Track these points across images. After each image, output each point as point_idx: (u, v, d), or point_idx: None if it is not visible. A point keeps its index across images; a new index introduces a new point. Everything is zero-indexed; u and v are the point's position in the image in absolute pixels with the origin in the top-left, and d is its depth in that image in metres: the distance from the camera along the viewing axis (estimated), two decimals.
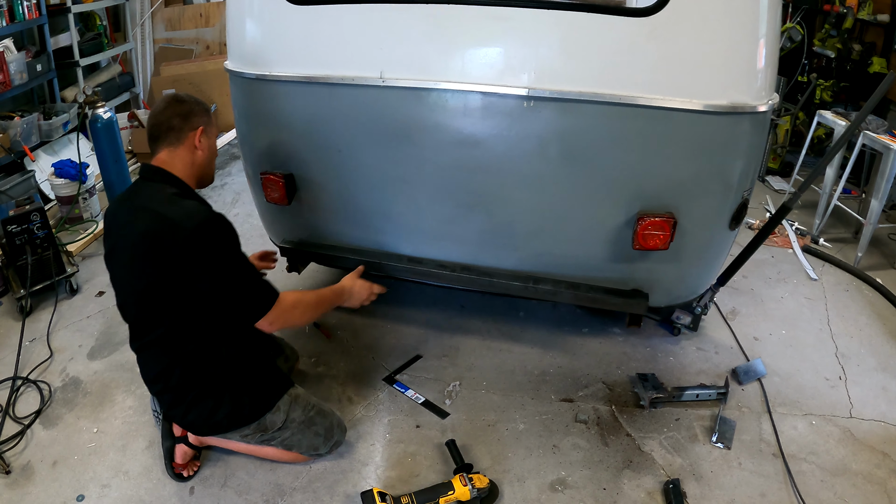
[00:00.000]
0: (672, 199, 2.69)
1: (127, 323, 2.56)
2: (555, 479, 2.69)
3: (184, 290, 2.32)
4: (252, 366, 2.60)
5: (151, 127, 2.49)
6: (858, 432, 2.94)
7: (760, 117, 2.57)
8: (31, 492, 2.62)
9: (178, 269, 2.28)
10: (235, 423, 2.55)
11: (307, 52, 2.82)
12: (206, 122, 2.54)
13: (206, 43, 7.22)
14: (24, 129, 4.77)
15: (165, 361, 2.49)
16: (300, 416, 2.64)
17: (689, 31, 2.41)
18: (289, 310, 2.50)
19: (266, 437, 2.60)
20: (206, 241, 2.29)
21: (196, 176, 2.55)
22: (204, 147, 2.53)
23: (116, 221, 2.47)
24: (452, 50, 2.64)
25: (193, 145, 2.49)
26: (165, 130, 2.46)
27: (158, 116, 2.47)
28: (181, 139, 2.47)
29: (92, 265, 4.29)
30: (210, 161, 2.61)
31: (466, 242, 3.05)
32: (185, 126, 2.47)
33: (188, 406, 2.52)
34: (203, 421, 2.56)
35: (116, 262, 2.48)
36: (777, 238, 4.72)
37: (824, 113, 4.89)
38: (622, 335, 3.58)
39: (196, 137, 2.49)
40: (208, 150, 2.57)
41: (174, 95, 2.55)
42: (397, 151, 2.87)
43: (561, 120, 2.62)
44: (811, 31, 6.01)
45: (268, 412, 2.57)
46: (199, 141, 2.50)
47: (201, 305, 2.38)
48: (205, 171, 2.60)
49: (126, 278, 2.45)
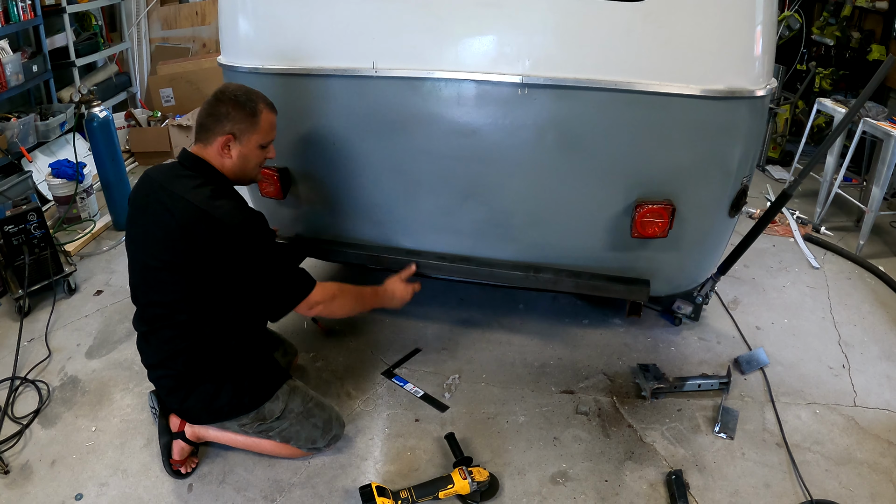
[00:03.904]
0: (670, 186, 2.66)
1: (137, 305, 2.57)
2: (556, 471, 2.67)
3: (221, 283, 2.37)
4: (254, 356, 2.60)
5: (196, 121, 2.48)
6: (863, 421, 2.92)
7: (758, 102, 2.55)
8: (29, 491, 2.61)
9: (219, 263, 2.32)
10: (234, 412, 2.55)
11: (299, 44, 2.80)
12: (242, 129, 2.41)
13: (202, 41, 7.20)
14: (20, 131, 4.75)
15: (175, 346, 2.48)
16: (299, 406, 2.63)
17: (686, 15, 2.39)
18: (329, 296, 2.55)
19: (264, 426, 2.59)
20: (248, 238, 2.32)
21: (229, 176, 2.49)
22: (234, 155, 2.44)
23: (150, 206, 2.41)
24: (445, 38, 2.61)
25: (220, 150, 2.42)
26: (199, 125, 2.43)
27: (201, 111, 2.44)
28: (210, 141, 2.42)
29: (90, 264, 4.28)
30: (242, 168, 2.50)
31: (464, 233, 3.03)
32: (216, 128, 2.40)
33: (188, 392, 2.51)
34: (202, 407, 2.55)
35: (144, 247, 2.44)
36: (778, 227, 4.70)
37: (824, 101, 4.86)
38: (623, 326, 3.56)
39: (222, 144, 2.41)
40: (238, 158, 2.46)
41: (222, 90, 2.44)
42: (392, 142, 2.85)
43: (556, 107, 2.60)
44: (810, 19, 5.99)
45: (267, 401, 2.56)
46: (226, 148, 2.42)
47: (234, 297, 2.43)
48: (237, 176, 2.51)
49: (154, 266, 2.41)
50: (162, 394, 2.67)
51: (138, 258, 2.49)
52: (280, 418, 2.59)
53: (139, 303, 2.57)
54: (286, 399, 2.61)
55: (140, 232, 2.46)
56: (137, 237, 2.48)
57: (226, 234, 2.27)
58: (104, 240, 4.63)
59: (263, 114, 2.45)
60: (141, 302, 2.56)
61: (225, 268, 2.33)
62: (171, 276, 2.38)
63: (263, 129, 2.47)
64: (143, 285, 2.51)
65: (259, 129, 2.45)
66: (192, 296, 2.40)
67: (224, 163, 2.45)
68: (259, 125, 2.45)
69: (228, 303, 2.44)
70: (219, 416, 2.59)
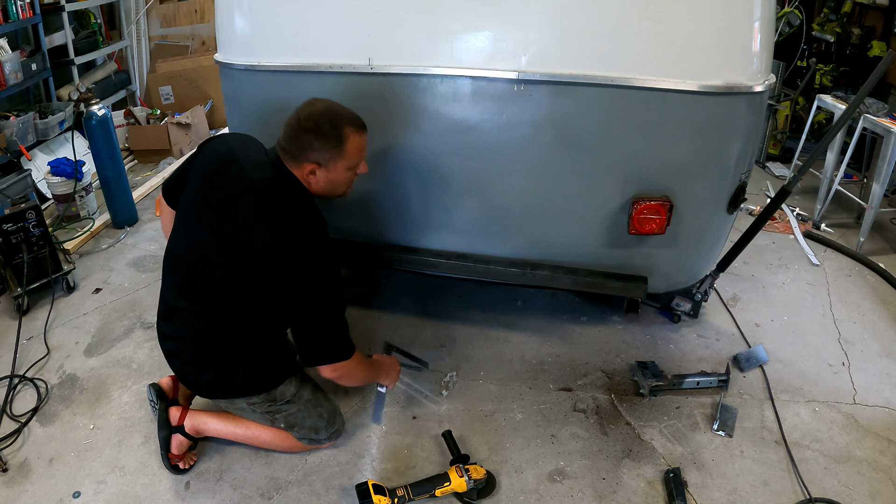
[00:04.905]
0: (668, 182, 2.66)
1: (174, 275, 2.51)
2: (553, 469, 2.66)
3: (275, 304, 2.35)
4: (273, 344, 2.58)
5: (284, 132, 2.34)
6: (862, 419, 2.91)
7: (757, 98, 2.54)
8: (27, 489, 2.61)
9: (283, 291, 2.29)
10: (248, 389, 2.54)
11: (295, 40, 2.79)
12: (327, 158, 2.30)
13: (201, 39, 7.20)
14: (20, 129, 4.75)
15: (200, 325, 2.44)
16: (308, 394, 2.65)
17: (683, 10, 2.38)
18: (352, 371, 2.51)
19: (273, 408, 2.59)
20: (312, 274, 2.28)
21: (315, 194, 2.42)
22: (319, 180, 2.35)
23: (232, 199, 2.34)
24: (441, 34, 2.61)
25: (306, 175, 2.34)
26: (284, 149, 2.33)
27: (286, 128, 2.32)
28: (296, 163, 2.33)
29: (89, 262, 4.27)
30: (331, 190, 2.42)
31: (461, 230, 3.02)
32: (300, 156, 2.30)
33: (204, 367, 2.49)
34: (217, 382, 2.53)
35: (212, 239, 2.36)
36: (778, 224, 4.68)
37: (824, 97, 4.86)
38: (621, 323, 3.55)
39: (308, 171, 2.32)
40: (325, 183, 2.37)
41: (306, 116, 2.29)
42: (388, 139, 2.84)
43: (552, 103, 2.59)
44: (810, 15, 5.98)
45: (280, 384, 2.58)
46: (312, 174, 2.33)
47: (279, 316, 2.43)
48: (322, 195, 2.43)
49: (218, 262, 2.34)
50: (176, 364, 2.59)
51: (199, 242, 2.41)
52: (290, 402, 2.60)
53: (178, 276, 2.49)
54: (298, 385, 2.63)
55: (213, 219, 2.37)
56: (206, 220, 2.39)
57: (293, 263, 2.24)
58: (103, 238, 4.62)
59: (350, 139, 2.30)
60: (181, 276, 2.48)
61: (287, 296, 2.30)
62: (230, 277, 2.33)
63: (351, 155, 2.34)
64: (193, 268, 2.43)
65: (346, 156, 2.32)
66: (239, 298, 2.37)
67: (309, 185, 2.37)
68: (345, 153, 2.32)
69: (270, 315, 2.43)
70: (233, 392, 2.57)
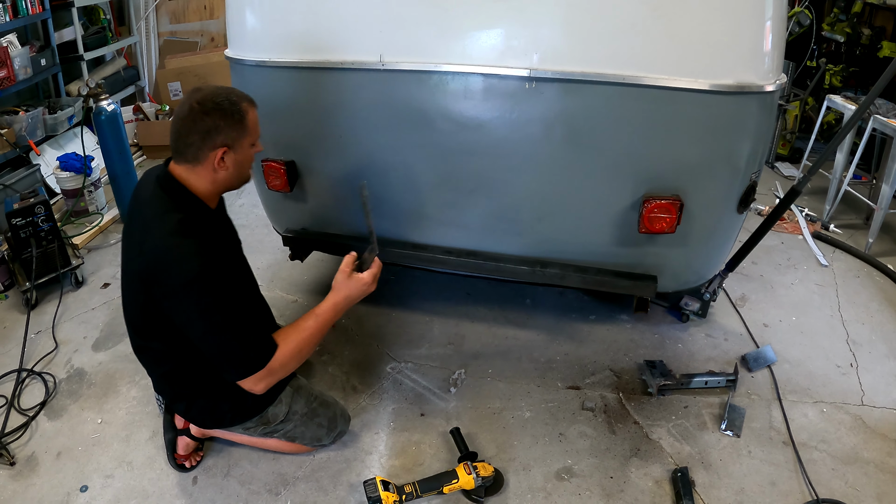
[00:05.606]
0: (679, 181, 2.64)
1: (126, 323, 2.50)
2: (561, 467, 2.66)
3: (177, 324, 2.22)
4: None
5: (172, 136, 2.21)
6: (870, 420, 2.90)
7: (768, 98, 2.52)
8: (35, 483, 2.62)
9: (170, 308, 2.17)
10: (238, 418, 2.55)
11: (306, 37, 2.79)
12: (235, 137, 2.20)
13: (210, 35, 7.21)
14: (28, 124, 4.77)
15: (160, 369, 2.50)
16: (302, 408, 2.62)
17: (695, 8, 2.37)
18: (280, 371, 2.27)
19: (269, 429, 2.59)
20: (195, 295, 2.11)
21: (218, 191, 2.33)
22: (228, 165, 2.22)
23: (131, 227, 2.32)
24: (452, 31, 2.60)
25: (213, 165, 2.20)
26: (184, 146, 2.18)
27: (178, 125, 2.18)
28: (199, 158, 2.19)
29: (97, 257, 4.28)
30: (238, 174, 2.31)
31: (471, 228, 3.01)
32: (205, 145, 2.16)
33: (189, 403, 2.52)
34: (206, 416, 2.56)
35: (124, 269, 2.37)
36: (787, 224, 4.67)
37: (834, 98, 4.83)
38: (630, 322, 3.55)
39: (217, 158, 2.19)
40: (234, 166, 2.25)
41: (199, 101, 2.15)
42: (398, 136, 2.84)
43: (563, 101, 2.58)
44: (820, 15, 5.96)
45: (270, 405, 2.55)
46: (221, 161, 2.20)
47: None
48: (230, 184, 2.32)
49: (126, 290, 2.38)
50: (166, 401, 2.68)
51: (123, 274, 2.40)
52: (284, 421, 2.59)
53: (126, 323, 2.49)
54: (289, 402, 2.59)
55: (125, 249, 2.36)
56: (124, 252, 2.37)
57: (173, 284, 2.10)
58: (111, 233, 4.64)
59: (249, 113, 2.24)
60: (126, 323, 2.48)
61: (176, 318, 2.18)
62: (140, 312, 2.33)
63: (253, 130, 2.27)
64: (125, 299, 2.42)
65: (249, 131, 2.25)
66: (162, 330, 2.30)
67: (217, 177, 2.25)
68: (248, 128, 2.24)
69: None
70: (222, 423, 2.59)
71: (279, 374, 2.28)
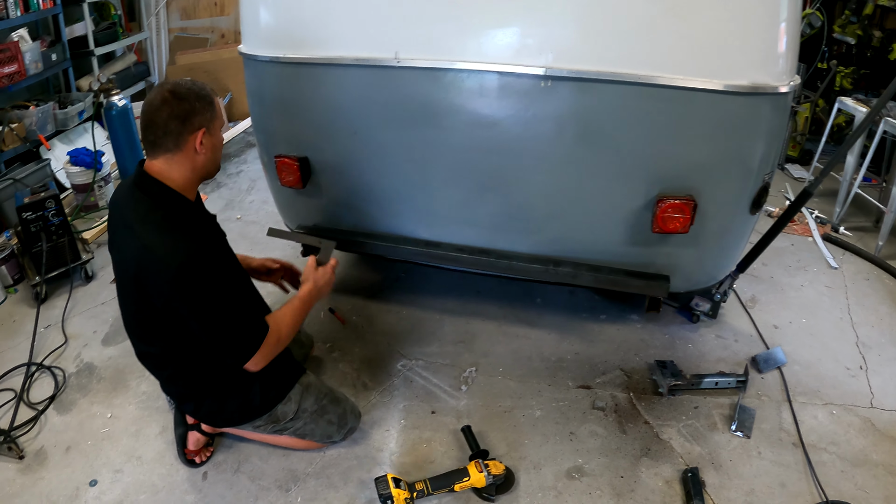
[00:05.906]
0: (692, 181, 2.64)
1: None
2: (571, 466, 2.66)
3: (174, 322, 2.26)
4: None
5: (145, 127, 2.18)
6: (879, 423, 2.89)
7: (782, 99, 2.52)
8: (44, 477, 2.63)
9: (165, 305, 2.19)
10: (247, 417, 2.56)
11: (321, 33, 2.79)
12: (209, 118, 2.22)
13: (220, 31, 7.23)
14: (39, 118, 4.78)
15: (163, 372, 2.52)
16: (312, 405, 2.62)
17: (710, 9, 2.36)
18: (274, 349, 2.36)
19: (278, 427, 2.59)
20: (187, 284, 2.13)
21: (197, 180, 2.31)
22: (207, 148, 2.24)
23: (115, 236, 2.36)
24: (468, 29, 2.60)
25: (194, 149, 2.20)
26: (162, 135, 2.16)
27: (153, 116, 2.16)
28: (180, 145, 2.18)
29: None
30: (214, 159, 2.32)
31: (484, 226, 3.01)
32: (185, 130, 2.16)
33: (198, 403, 2.53)
34: (215, 415, 2.57)
35: (117, 278, 2.41)
36: (797, 226, 4.66)
37: (845, 100, 4.81)
38: (640, 322, 3.54)
39: (197, 141, 2.19)
40: (211, 150, 2.27)
41: (172, 89, 2.17)
42: (413, 133, 2.84)
43: (578, 100, 2.58)
44: (831, 17, 5.93)
45: (279, 403, 2.56)
46: (201, 143, 2.21)
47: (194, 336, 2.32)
48: (208, 170, 2.33)
49: (122, 298, 2.41)
50: (175, 402, 2.70)
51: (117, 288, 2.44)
52: (294, 419, 2.59)
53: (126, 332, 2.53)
54: (299, 399, 2.60)
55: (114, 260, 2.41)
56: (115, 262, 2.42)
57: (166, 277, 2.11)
58: None
59: (215, 99, 2.28)
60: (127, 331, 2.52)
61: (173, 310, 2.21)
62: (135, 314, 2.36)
63: (220, 114, 2.30)
64: (122, 308, 2.45)
65: (218, 113, 2.28)
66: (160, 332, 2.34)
67: (196, 163, 2.24)
68: (217, 111, 2.28)
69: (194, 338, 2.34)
70: (231, 422, 2.60)
71: (273, 351, 2.37)
